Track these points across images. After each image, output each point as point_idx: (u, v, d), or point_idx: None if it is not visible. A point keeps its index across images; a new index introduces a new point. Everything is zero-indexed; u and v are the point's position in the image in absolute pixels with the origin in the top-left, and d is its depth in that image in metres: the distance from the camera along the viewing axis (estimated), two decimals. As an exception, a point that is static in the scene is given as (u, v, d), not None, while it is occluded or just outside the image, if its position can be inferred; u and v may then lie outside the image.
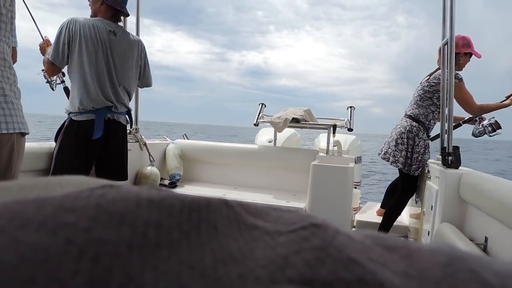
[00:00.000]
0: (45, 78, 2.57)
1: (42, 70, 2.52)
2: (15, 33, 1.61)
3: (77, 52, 2.23)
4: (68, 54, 2.24)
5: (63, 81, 2.60)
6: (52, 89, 2.60)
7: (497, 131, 2.73)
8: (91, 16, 2.40)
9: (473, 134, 2.89)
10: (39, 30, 2.55)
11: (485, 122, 2.81)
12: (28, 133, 1.63)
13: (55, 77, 2.57)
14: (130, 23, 3.30)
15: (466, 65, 2.89)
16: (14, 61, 1.65)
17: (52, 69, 2.29)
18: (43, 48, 2.44)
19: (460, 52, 2.79)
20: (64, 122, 2.29)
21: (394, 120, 3.21)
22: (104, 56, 2.30)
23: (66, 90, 2.56)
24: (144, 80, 2.66)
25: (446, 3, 2.41)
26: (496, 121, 2.75)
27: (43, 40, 2.48)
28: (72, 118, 2.25)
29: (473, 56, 2.88)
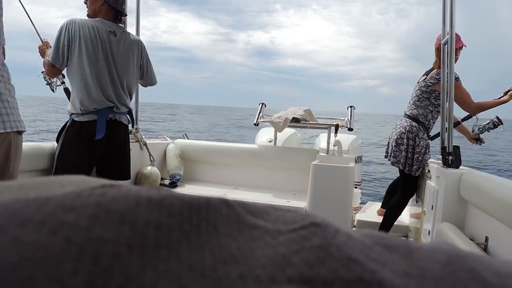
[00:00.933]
0: (45, 80, 2.57)
1: (42, 72, 2.52)
2: (3, 31, 1.60)
3: (77, 53, 2.22)
4: (68, 55, 2.23)
5: (63, 82, 2.60)
6: (53, 90, 2.60)
7: (499, 127, 2.68)
8: (88, 16, 2.39)
9: (473, 132, 2.87)
10: (37, 33, 2.54)
11: (485, 122, 2.78)
12: (25, 131, 1.63)
13: (55, 78, 2.56)
14: (130, 25, 3.30)
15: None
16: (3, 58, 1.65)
17: (53, 71, 2.29)
18: (42, 50, 2.44)
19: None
20: (66, 122, 2.29)
21: (403, 100, 3.15)
22: (104, 56, 2.29)
23: (67, 91, 2.56)
24: (148, 79, 2.66)
25: (446, 2, 2.41)
26: (497, 117, 2.70)
27: (42, 42, 2.48)
28: (74, 119, 2.25)
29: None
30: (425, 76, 2.90)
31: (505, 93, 2.79)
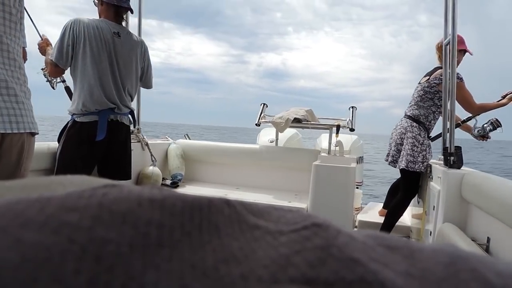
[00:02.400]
0: (45, 77, 2.55)
1: (42, 69, 2.50)
2: (24, 33, 1.62)
3: (81, 53, 2.21)
4: (72, 55, 2.22)
5: (64, 80, 2.58)
6: (53, 87, 2.57)
7: (498, 129, 2.70)
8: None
9: (473, 135, 2.88)
10: (36, 29, 2.51)
11: (483, 123, 2.78)
12: (37, 133, 1.65)
13: None
14: (132, 27, 3.31)
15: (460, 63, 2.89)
16: (24, 60, 1.66)
17: (56, 70, 2.27)
18: (42, 48, 2.42)
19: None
20: (67, 123, 2.29)
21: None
22: (108, 58, 2.29)
23: (68, 89, 2.54)
24: (146, 81, 2.66)
25: (448, 3, 2.40)
26: (496, 119, 2.71)
27: (42, 39, 2.45)
28: (75, 119, 2.25)
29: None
30: (428, 77, 2.90)
31: (503, 97, 2.82)
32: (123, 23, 2.48)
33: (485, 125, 2.75)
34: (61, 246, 0.15)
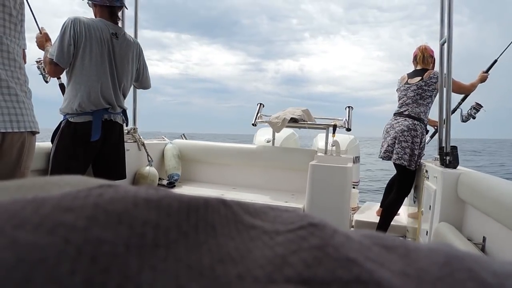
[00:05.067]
0: (39, 70, 2.49)
1: (37, 61, 2.45)
2: (24, 35, 1.61)
3: (81, 53, 2.19)
4: (73, 55, 2.18)
5: (59, 77, 2.53)
6: (46, 81, 2.51)
7: (481, 109, 3.02)
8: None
9: (462, 121, 3.10)
10: (36, 22, 2.42)
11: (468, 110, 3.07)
12: (38, 132, 1.65)
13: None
14: (128, 28, 3.30)
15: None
16: (23, 62, 1.65)
17: (56, 70, 2.23)
18: (40, 42, 2.36)
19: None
20: (60, 123, 2.27)
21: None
22: (108, 59, 2.28)
23: (62, 87, 2.50)
24: (143, 82, 2.65)
25: (444, 3, 2.42)
26: (476, 103, 3.02)
27: (41, 33, 2.38)
28: (69, 119, 2.23)
29: None
30: (420, 77, 3.04)
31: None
32: (119, 23, 2.47)
33: (469, 111, 3.05)
34: (57, 247, 0.15)
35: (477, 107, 3.04)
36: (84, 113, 2.23)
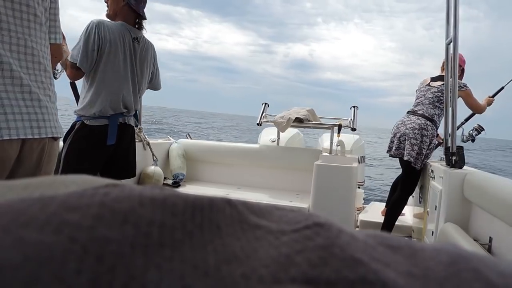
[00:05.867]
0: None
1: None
2: (59, 29, 1.60)
3: (104, 58, 2.16)
4: (96, 59, 2.15)
5: None
6: (55, 77, 2.48)
7: (482, 132, 3.11)
8: (108, 16, 2.31)
9: (462, 141, 3.10)
10: None
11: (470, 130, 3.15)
12: (61, 137, 1.62)
13: (59, 65, 2.48)
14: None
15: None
16: (57, 60, 1.64)
17: (77, 74, 2.18)
18: None
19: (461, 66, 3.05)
20: (75, 124, 2.23)
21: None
22: (130, 64, 2.27)
23: (73, 86, 2.47)
24: (155, 84, 2.64)
25: (450, 3, 2.40)
26: (479, 125, 3.10)
27: None
28: (84, 121, 2.20)
29: None
30: (441, 82, 3.02)
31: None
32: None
33: (470, 132, 3.11)
34: (63, 246, 0.15)
35: (479, 129, 3.09)
36: (101, 117, 2.21)
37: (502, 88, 3.23)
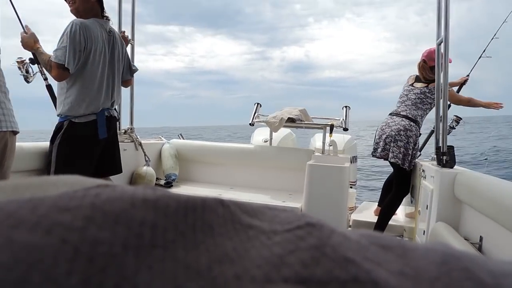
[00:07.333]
0: (20, 70, 2.37)
1: (18, 61, 2.36)
2: None
3: (89, 58, 2.17)
4: (81, 59, 2.15)
5: (46, 78, 2.46)
6: (28, 81, 2.40)
7: (460, 122, 3.21)
8: (75, 13, 2.23)
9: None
10: (19, 20, 2.28)
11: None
12: (19, 132, 1.65)
13: (31, 69, 2.38)
14: (126, 25, 3.29)
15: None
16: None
17: (64, 74, 2.14)
18: (27, 43, 2.21)
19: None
20: (62, 124, 2.21)
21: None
22: (109, 58, 2.28)
23: (50, 88, 2.45)
24: (132, 68, 2.63)
25: (441, 3, 2.42)
26: (456, 116, 3.19)
27: (26, 32, 2.24)
28: (72, 120, 2.19)
29: None
30: (426, 84, 3.08)
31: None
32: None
33: (450, 124, 3.16)
34: (54, 247, 0.15)
35: (457, 120, 3.20)
36: (88, 114, 2.22)
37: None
